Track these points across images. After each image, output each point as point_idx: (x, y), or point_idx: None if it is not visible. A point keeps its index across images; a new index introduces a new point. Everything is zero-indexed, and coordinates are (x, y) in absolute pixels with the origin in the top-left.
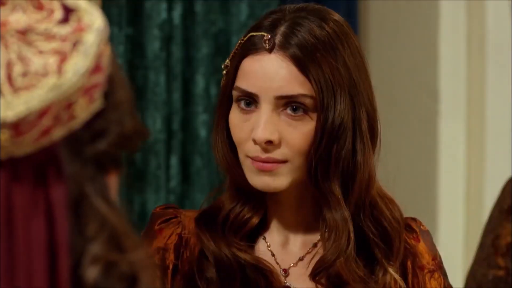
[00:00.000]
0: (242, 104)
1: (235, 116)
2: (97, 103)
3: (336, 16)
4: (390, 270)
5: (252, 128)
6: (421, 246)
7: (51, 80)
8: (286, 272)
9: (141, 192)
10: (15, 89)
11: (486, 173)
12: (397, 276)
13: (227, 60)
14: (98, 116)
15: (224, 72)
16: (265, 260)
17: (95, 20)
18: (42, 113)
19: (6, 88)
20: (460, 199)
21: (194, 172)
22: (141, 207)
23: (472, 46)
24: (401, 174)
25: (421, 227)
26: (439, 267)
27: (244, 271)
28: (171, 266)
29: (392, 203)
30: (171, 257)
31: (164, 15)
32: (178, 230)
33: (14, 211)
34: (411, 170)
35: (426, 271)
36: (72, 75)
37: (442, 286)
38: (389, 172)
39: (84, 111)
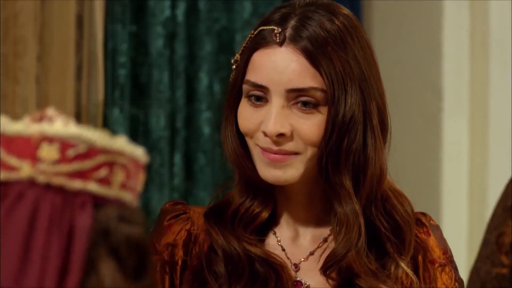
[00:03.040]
0: (253, 99)
1: (245, 109)
2: (129, 196)
3: (346, 11)
4: (402, 264)
5: (261, 120)
6: (432, 240)
7: (107, 137)
8: (296, 266)
9: (145, 189)
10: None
11: (489, 170)
12: (409, 270)
13: (237, 55)
14: (126, 208)
15: (234, 66)
16: (276, 254)
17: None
18: (89, 152)
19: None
20: (463, 196)
21: (198, 170)
22: (145, 205)
23: (475, 44)
24: (405, 171)
25: (431, 221)
26: (450, 261)
27: (253, 265)
28: (180, 262)
29: (403, 197)
30: (180, 253)
31: (167, 12)
32: (187, 226)
33: (37, 226)
34: (414, 167)
35: (437, 265)
36: (125, 144)
37: (453, 279)
38: (393, 168)
39: (117, 187)
